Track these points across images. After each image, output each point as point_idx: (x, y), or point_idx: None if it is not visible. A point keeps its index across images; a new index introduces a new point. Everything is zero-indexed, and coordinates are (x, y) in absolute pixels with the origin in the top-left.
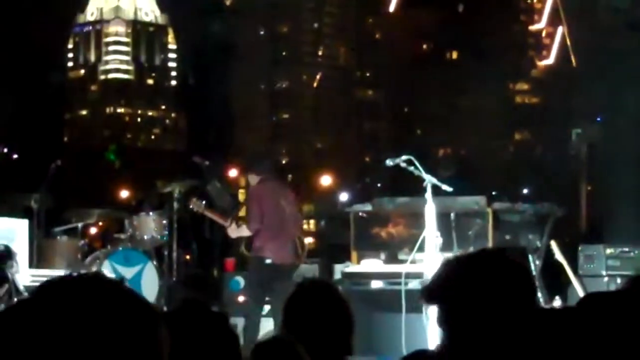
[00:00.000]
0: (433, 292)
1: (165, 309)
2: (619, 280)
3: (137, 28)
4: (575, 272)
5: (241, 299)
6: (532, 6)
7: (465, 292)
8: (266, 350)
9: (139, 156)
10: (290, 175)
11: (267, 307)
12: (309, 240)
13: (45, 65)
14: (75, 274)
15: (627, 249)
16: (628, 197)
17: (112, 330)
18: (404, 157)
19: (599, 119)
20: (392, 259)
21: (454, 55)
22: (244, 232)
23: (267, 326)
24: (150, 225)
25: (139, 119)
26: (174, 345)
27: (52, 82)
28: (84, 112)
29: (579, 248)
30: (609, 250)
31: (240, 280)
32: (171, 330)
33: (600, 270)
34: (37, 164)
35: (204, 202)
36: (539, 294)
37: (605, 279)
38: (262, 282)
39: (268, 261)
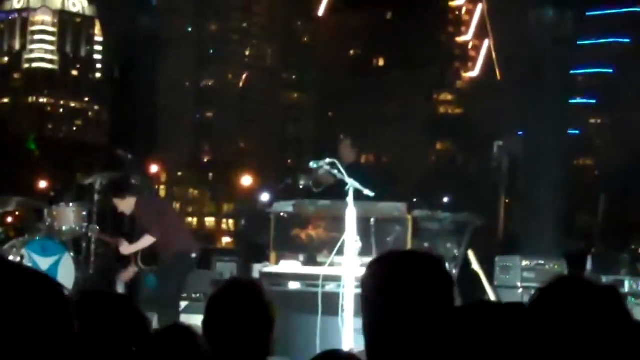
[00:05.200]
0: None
1: None
2: (533, 292)
3: (64, 18)
4: (491, 282)
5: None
6: (460, 18)
7: (386, 291)
8: (164, 337)
9: (59, 147)
10: (211, 174)
11: (182, 304)
12: (227, 240)
13: None
14: None
15: (542, 262)
16: (545, 210)
17: (12, 308)
18: (328, 160)
19: (520, 132)
20: (311, 261)
21: (381, 62)
22: (145, 242)
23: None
24: (69, 216)
25: (61, 110)
26: (80, 332)
27: None
28: (5, 100)
29: (496, 259)
30: (524, 262)
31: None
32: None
33: (515, 281)
34: None
35: (97, 227)
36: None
37: (520, 290)
38: (183, 278)
39: (193, 255)
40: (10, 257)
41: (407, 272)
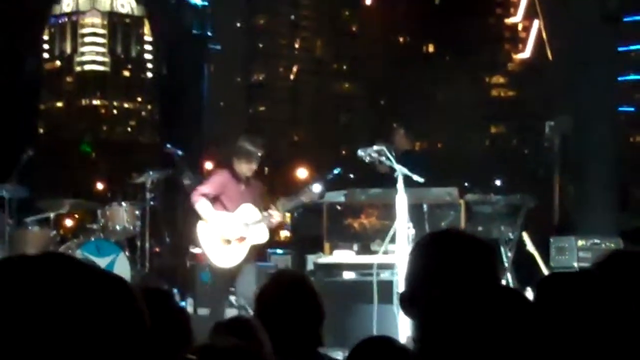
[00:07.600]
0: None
1: None
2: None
3: (113, 19)
4: (546, 263)
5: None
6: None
7: (426, 272)
8: (225, 328)
9: (114, 148)
10: (266, 168)
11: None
12: (285, 233)
13: (21, 56)
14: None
15: (598, 241)
16: (599, 188)
17: (79, 308)
18: (376, 147)
19: (572, 111)
20: (365, 250)
21: (430, 48)
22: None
23: None
24: (122, 216)
25: (114, 111)
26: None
27: (27, 73)
28: (59, 104)
29: (551, 240)
30: (580, 242)
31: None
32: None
33: (571, 262)
34: (10, 154)
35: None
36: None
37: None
38: None
39: None
40: None
41: (447, 252)
